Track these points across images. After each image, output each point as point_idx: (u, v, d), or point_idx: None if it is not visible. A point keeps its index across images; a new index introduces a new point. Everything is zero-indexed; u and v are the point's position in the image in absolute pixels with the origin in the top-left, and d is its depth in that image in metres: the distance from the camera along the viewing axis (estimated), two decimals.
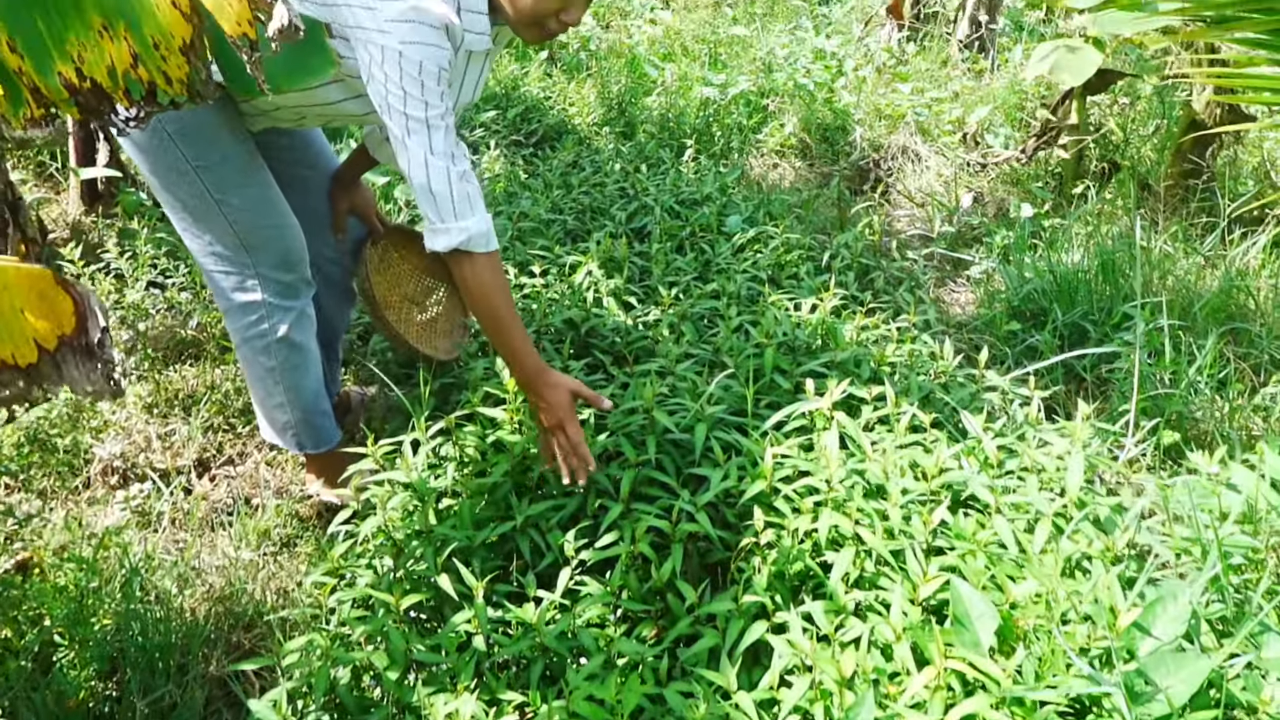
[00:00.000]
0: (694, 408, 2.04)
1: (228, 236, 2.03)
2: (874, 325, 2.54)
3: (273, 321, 2.11)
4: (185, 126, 1.93)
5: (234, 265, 2.06)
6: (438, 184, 1.79)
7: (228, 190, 2.00)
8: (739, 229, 3.21)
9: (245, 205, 2.02)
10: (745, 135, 4.53)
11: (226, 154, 1.98)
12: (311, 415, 2.22)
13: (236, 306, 2.09)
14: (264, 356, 2.13)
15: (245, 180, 2.02)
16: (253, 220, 2.04)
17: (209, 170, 1.97)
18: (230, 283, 2.07)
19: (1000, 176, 4.18)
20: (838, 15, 6.50)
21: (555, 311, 2.57)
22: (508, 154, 4.14)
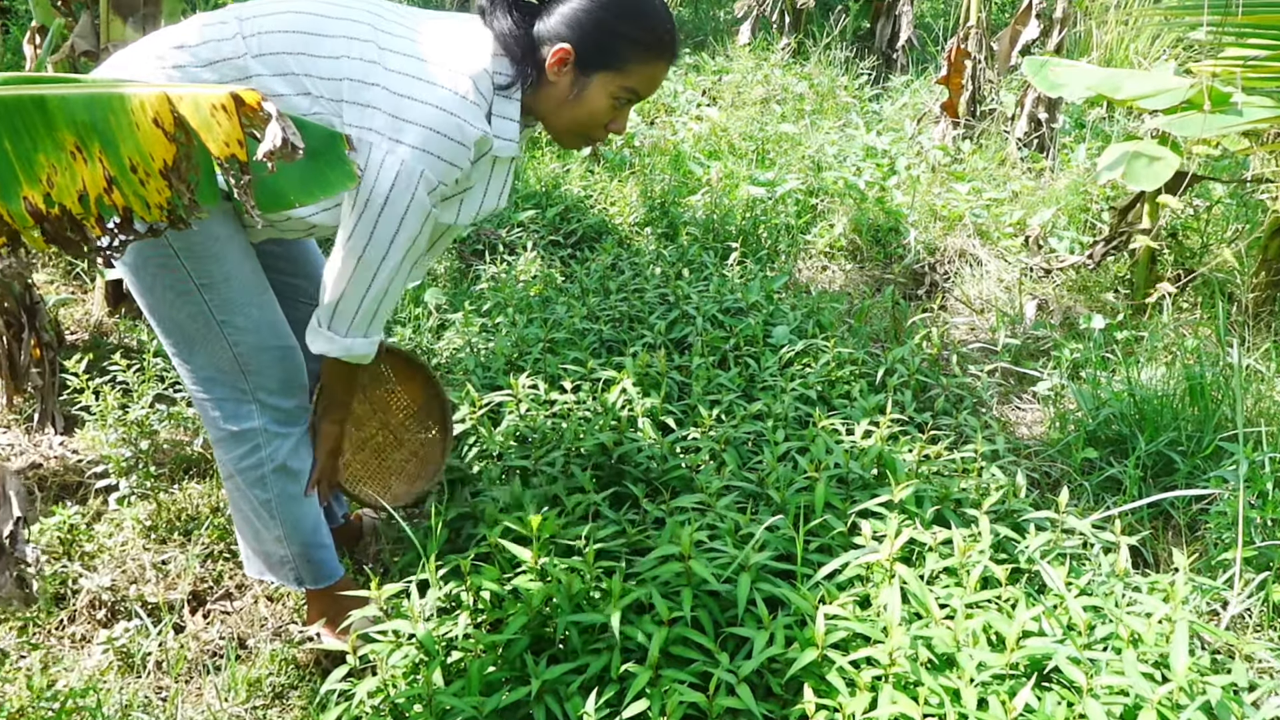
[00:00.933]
0: (737, 555, 1.80)
1: (225, 361, 1.86)
2: (936, 455, 2.30)
3: (270, 450, 1.93)
4: (191, 241, 1.77)
5: (230, 391, 1.89)
6: (347, 305, 1.78)
7: (232, 311, 1.83)
8: (786, 340, 3.00)
9: (249, 326, 1.85)
10: (793, 236, 4.36)
11: (231, 271, 1.82)
12: (311, 549, 2.01)
13: (230, 436, 1.91)
14: (259, 489, 1.93)
15: (251, 299, 1.86)
16: (256, 342, 1.87)
17: (213, 289, 1.81)
18: (225, 410, 1.90)
19: (1066, 284, 3.94)
20: (889, 112, 6.37)
21: (587, 433, 2.37)
22: (545, 255, 4.00)
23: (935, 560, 1.88)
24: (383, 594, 1.82)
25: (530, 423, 2.46)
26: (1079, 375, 3.27)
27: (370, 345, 1.83)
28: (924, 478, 2.22)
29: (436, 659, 1.72)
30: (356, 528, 2.41)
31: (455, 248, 4.16)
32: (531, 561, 1.84)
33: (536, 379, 2.70)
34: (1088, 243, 4.17)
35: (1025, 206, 4.53)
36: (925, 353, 3.03)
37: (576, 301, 3.28)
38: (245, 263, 1.85)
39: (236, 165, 1.12)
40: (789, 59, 7.31)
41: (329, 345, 1.81)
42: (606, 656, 1.70)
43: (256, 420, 1.90)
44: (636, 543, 1.98)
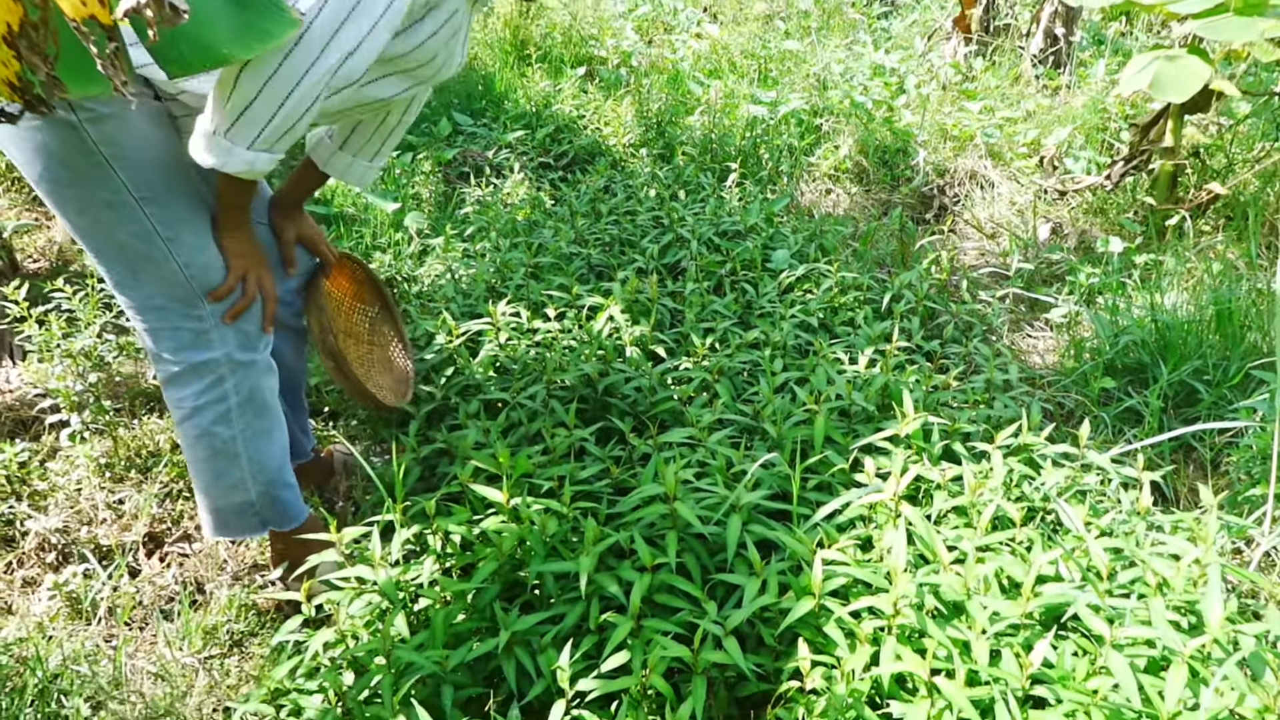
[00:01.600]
0: (727, 496, 1.65)
1: (177, 284, 1.67)
2: (944, 386, 2.13)
3: (235, 380, 1.75)
4: (122, 147, 1.58)
5: (185, 318, 1.70)
6: (259, 112, 1.47)
7: (179, 225, 1.64)
8: (786, 265, 2.82)
9: (200, 242, 1.67)
10: (796, 158, 4.14)
11: (174, 180, 1.63)
12: (276, 488, 1.86)
13: (188, 370, 1.72)
14: (222, 426, 1.77)
15: (199, 211, 1.67)
16: (211, 259, 1.68)
17: (155, 202, 1.61)
18: (180, 341, 1.71)
19: (1082, 206, 3.74)
20: (898, 29, 6.09)
21: (571, 364, 2.21)
22: (533, 178, 3.80)
23: (943, 499, 1.73)
24: (343, 537, 1.68)
25: (511, 353, 2.30)
26: (1095, 301, 3.09)
27: (273, 161, 1.55)
28: (932, 409, 2.06)
29: (398, 607, 1.58)
30: (326, 463, 2.27)
31: (439, 171, 3.96)
32: (503, 502, 1.69)
33: (519, 306, 2.53)
34: (1105, 163, 3.96)
35: (1040, 126, 4.30)
36: (934, 278, 2.85)
37: (565, 225, 3.09)
38: (186, 170, 1.66)
39: (99, 30, 0.92)
40: None
41: (226, 159, 1.51)
42: (583, 606, 1.56)
43: (218, 349, 1.73)
44: (621, 482, 1.84)
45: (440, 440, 2.03)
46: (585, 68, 5.06)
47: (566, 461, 1.92)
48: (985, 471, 1.83)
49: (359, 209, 3.47)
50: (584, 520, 1.64)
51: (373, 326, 2.27)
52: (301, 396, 2.17)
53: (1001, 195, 3.86)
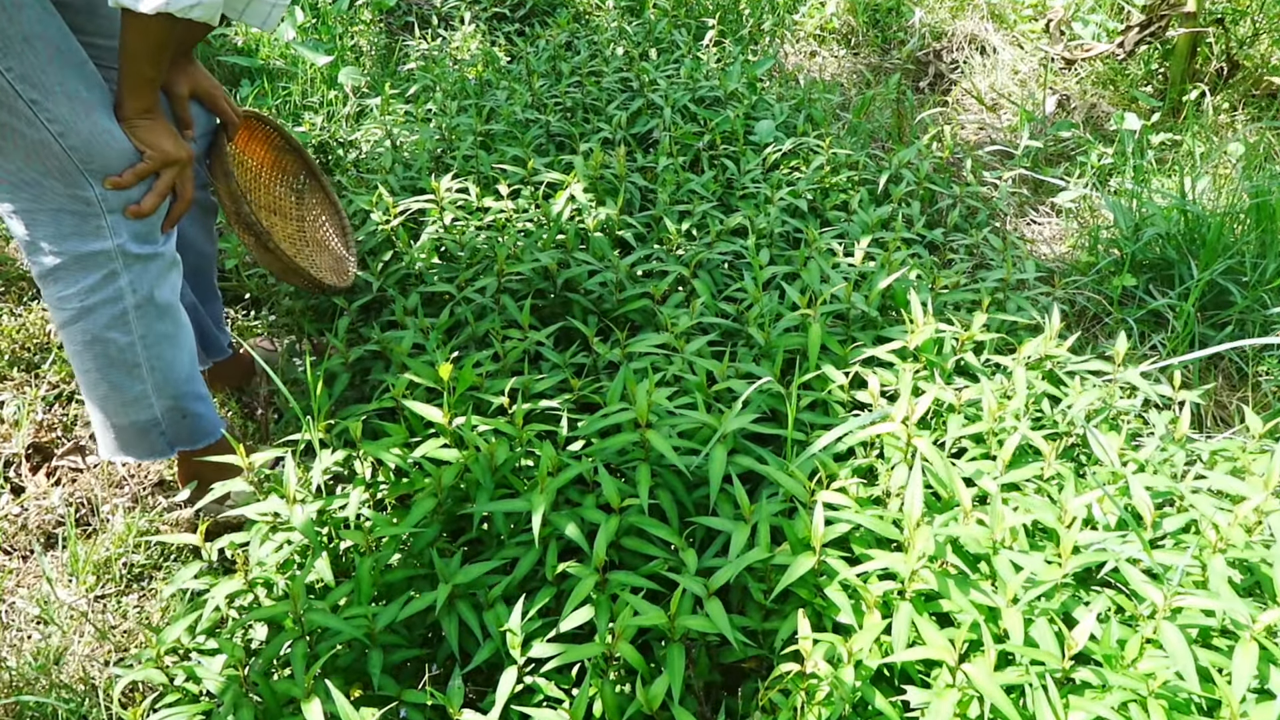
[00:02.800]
0: (708, 421, 1.39)
1: (51, 156, 1.33)
2: (954, 285, 1.87)
3: (131, 276, 1.44)
4: None
5: (66, 199, 1.36)
6: None
7: (45, 86, 1.30)
8: (771, 138, 2.50)
9: (76, 108, 1.32)
10: (779, 15, 3.75)
11: (31, 28, 1.28)
12: (184, 400, 1.57)
13: (72, 262, 1.40)
14: (118, 331, 1.46)
15: (69, 67, 1.32)
16: (92, 127, 1.34)
17: (9, 55, 1.27)
18: (62, 227, 1.38)
19: (1091, 76, 3.41)
20: None
21: (525, 252, 1.90)
22: (487, 30, 3.39)
23: (959, 425, 1.48)
24: (253, 464, 1.41)
25: (457, 236, 1.99)
26: (1107, 184, 2.82)
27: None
28: (939, 314, 1.80)
29: (318, 550, 1.32)
30: (246, 361, 1.97)
31: (381, 20, 3.52)
32: (444, 423, 1.41)
33: (467, 181, 2.20)
34: (1117, 30, 3.61)
35: None
36: (934, 156, 2.55)
37: (521, 86, 2.73)
38: (47, 16, 1.30)
39: None
40: None
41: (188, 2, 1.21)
42: (538, 552, 1.31)
43: (109, 239, 1.40)
44: (583, 398, 1.57)
45: (374, 340, 1.74)
46: None
47: (520, 371, 1.64)
48: (1005, 391, 1.59)
49: (288, 61, 3.06)
50: (539, 445, 1.38)
51: (300, 200, 1.95)
52: (213, 282, 1.85)
53: (1004, 63, 3.52)
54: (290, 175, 1.93)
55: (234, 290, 2.19)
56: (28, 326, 2.00)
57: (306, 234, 1.93)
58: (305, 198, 1.96)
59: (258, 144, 1.84)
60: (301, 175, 1.95)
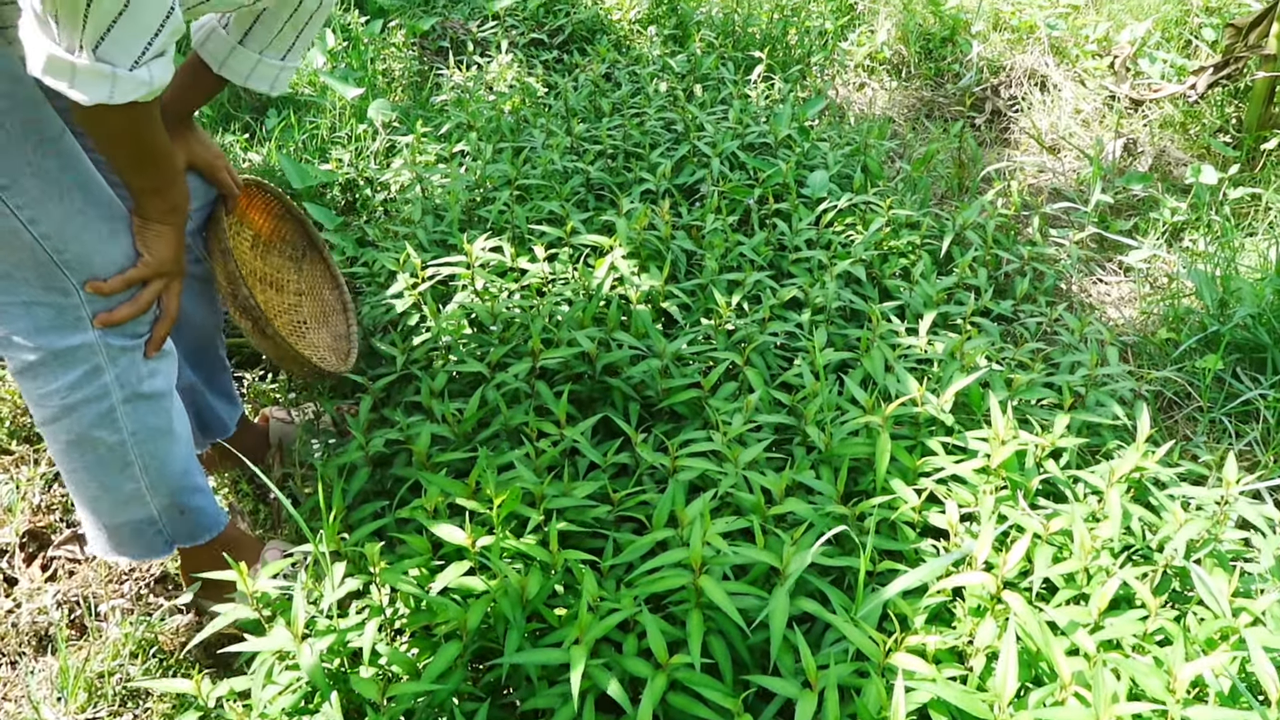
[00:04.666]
0: (768, 560, 1.24)
1: (33, 256, 1.20)
2: (1030, 383, 1.70)
3: (118, 370, 1.30)
4: None
5: (41, 291, 1.23)
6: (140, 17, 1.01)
7: (42, 201, 1.18)
8: (825, 191, 2.34)
9: (49, 188, 1.19)
10: (827, 43, 3.58)
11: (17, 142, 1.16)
12: (182, 495, 1.43)
13: (50, 359, 1.26)
14: (105, 429, 1.31)
15: (66, 177, 1.20)
16: (77, 228, 1.21)
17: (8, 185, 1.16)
18: (38, 320, 1.24)
19: (1159, 120, 3.22)
20: None
21: (563, 329, 1.75)
22: (524, 58, 3.24)
23: (1046, 560, 1.32)
24: (252, 588, 1.27)
25: (489, 304, 1.84)
26: (1180, 239, 2.64)
27: (170, 67, 1.10)
28: (1021, 412, 1.64)
29: (325, 694, 1.18)
30: (260, 432, 1.84)
31: (414, 43, 3.39)
32: (468, 545, 1.27)
33: (501, 240, 2.06)
34: (1187, 67, 3.42)
35: (1110, 17, 3.73)
36: (1000, 213, 2.38)
37: (559, 126, 2.58)
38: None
39: None
40: None
41: (112, 89, 1.04)
42: (573, 710, 1.17)
43: (90, 331, 1.27)
44: (624, 509, 1.42)
45: (397, 427, 1.59)
46: None
47: (556, 477, 1.50)
48: (1095, 513, 1.43)
49: (317, 91, 2.93)
50: (578, 571, 1.23)
51: (299, 270, 1.81)
52: (218, 355, 1.72)
53: (1065, 100, 3.34)
54: (289, 245, 1.79)
55: (249, 350, 2.06)
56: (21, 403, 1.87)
57: (305, 309, 1.79)
58: (304, 269, 1.82)
59: (256, 211, 1.71)
60: (301, 245, 1.82)
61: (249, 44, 1.40)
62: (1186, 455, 1.83)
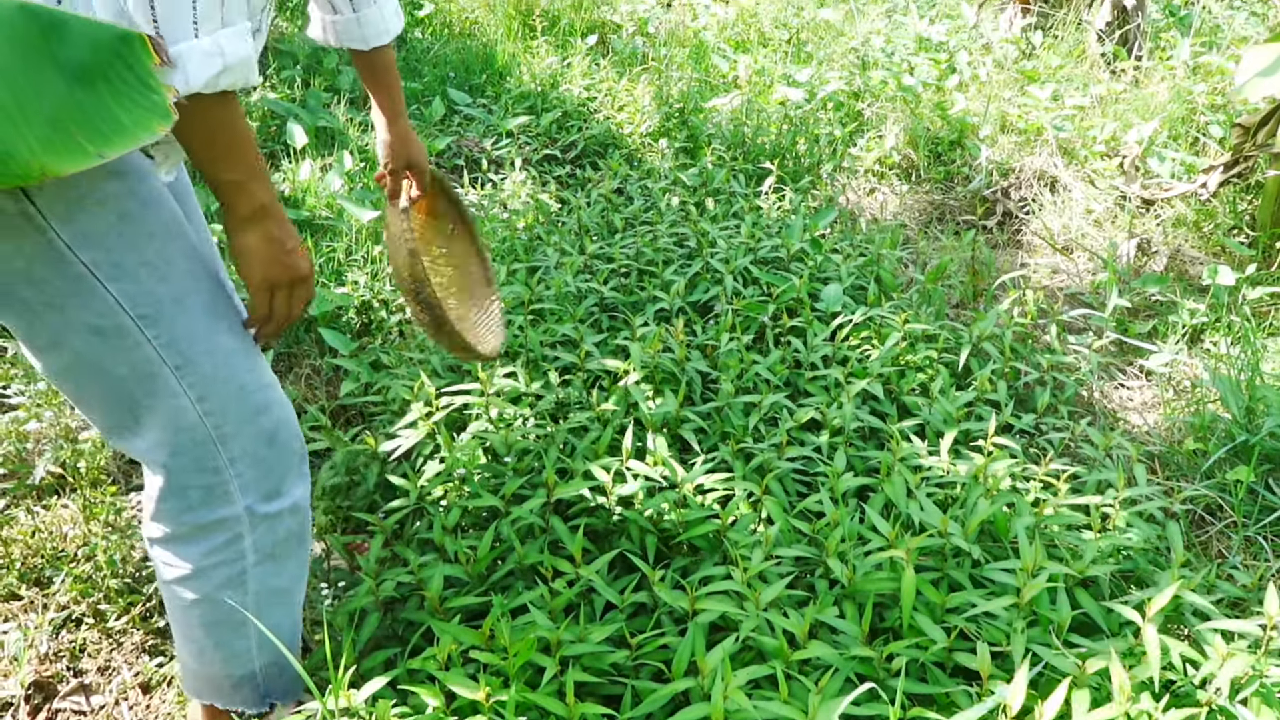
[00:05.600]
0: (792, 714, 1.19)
1: (187, 428, 1.16)
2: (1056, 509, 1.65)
3: (255, 536, 1.25)
4: (110, 250, 1.06)
5: (196, 468, 1.19)
6: None
7: (193, 344, 1.13)
8: (839, 305, 2.34)
9: (219, 363, 1.15)
10: (836, 150, 3.62)
11: (184, 281, 1.13)
12: (286, 658, 1.37)
13: (193, 530, 1.22)
14: (233, 590, 1.27)
15: (218, 316, 1.16)
16: (231, 388, 1.17)
17: (161, 319, 1.11)
18: (189, 500, 1.21)
19: (1172, 219, 3.22)
20: None
21: (576, 458, 1.73)
22: (537, 174, 3.29)
23: (1084, 706, 1.26)
24: None
25: (504, 435, 1.83)
26: (1200, 341, 2.61)
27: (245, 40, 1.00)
28: (1049, 539, 1.59)
29: None
30: None
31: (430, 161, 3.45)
32: (482, 699, 1.23)
33: (516, 366, 2.05)
34: (1197, 165, 3.44)
35: (1117, 117, 3.77)
36: (1017, 322, 2.36)
37: (572, 244, 2.60)
38: (197, 262, 1.14)
39: None
40: None
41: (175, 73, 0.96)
42: None
43: (237, 503, 1.22)
44: (645, 653, 1.37)
45: (409, 568, 1.56)
46: (597, 35, 4.52)
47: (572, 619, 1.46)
48: (1134, 649, 1.37)
49: (334, 214, 2.97)
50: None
51: (449, 242, 1.86)
52: None
53: (1076, 201, 3.35)
54: (440, 218, 1.83)
55: None
56: (44, 529, 1.86)
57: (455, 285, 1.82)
58: (454, 246, 1.86)
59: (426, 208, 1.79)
60: (450, 225, 1.86)
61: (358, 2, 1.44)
62: (1223, 575, 1.77)
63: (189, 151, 1.08)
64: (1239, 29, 4.73)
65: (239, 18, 1.00)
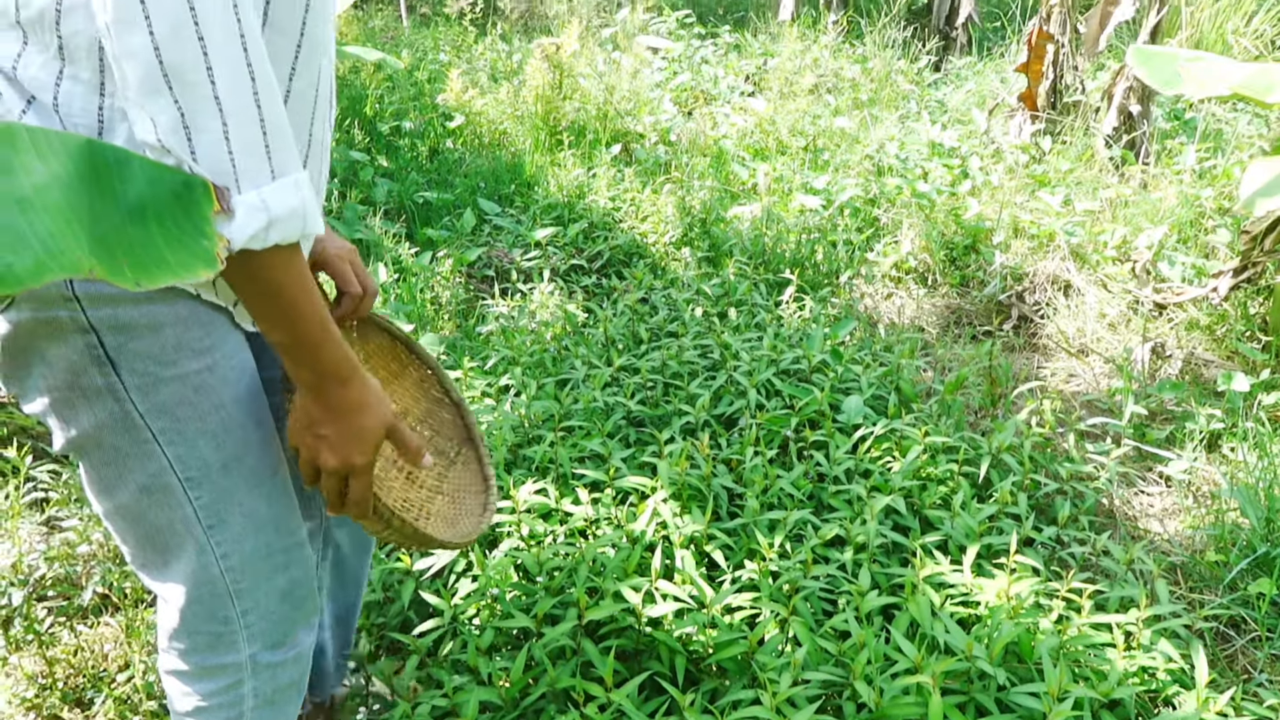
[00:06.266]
0: None
1: (207, 581, 1.20)
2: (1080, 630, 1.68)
3: (256, 683, 1.30)
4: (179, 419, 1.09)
5: (207, 618, 1.23)
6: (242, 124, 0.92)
7: (228, 508, 1.16)
8: (860, 417, 2.40)
9: (249, 527, 1.19)
10: (854, 255, 3.72)
11: (233, 445, 1.14)
12: None
13: (198, 669, 1.27)
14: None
15: (258, 483, 1.18)
16: (256, 548, 1.21)
17: (205, 483, 1.14)
18: (196, 643, 1.26)
19: (1185, 322, 3.28)
20: (954, 100, 5.69)
21: (606, 578, 1.78)
22: (565, 284, 3.40)
23: None
24: None
25: (535, 554, 1.88)
26: (1218, 447, 2.64)
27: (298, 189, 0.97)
28: (1075, 661, 1.62)
29: None
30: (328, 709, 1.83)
31: (461, 272, 3.58)
32: None
33: (546, 482, 2.12)
34: (1207, 269, 3.51)
35: (1128, 221, 3.86)
36: (1035, 432, 2.41)
37: (599, 357, 2.68)
38: (254, 428, 1.17)
39: None
40: (839, 39, 6.63)
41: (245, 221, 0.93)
42: None
43: (243, 651, 1.27)
44: None
45: (444, 691, 1.61)
46: (621, 145, 4.69)
47: None
48: None
49: None
50: None
51: (450, 467, 1.53)
52: (352, 621, 1.69)
53: (1090, 305, 3.42)
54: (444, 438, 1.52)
55: None
56: (87, 647, 1.91)
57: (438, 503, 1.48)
58: (456, 469, 1.53)
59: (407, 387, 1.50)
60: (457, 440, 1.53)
61: None
62: (1250, 693, 1.78)
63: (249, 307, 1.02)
64: (1243, 130, 4.85)
65: (290, 168, 0.97)
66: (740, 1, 8.96)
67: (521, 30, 7.56)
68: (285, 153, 0.96)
